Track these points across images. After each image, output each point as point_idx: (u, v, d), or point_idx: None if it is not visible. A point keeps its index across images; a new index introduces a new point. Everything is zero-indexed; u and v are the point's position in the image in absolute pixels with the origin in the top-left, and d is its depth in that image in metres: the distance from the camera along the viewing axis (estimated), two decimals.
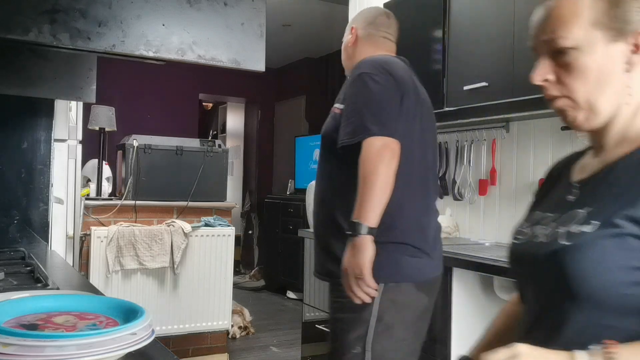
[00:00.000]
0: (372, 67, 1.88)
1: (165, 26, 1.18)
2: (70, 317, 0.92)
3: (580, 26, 0.91)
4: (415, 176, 1.92)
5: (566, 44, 0.92)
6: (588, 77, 0.92)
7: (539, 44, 0.96)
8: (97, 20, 1.11)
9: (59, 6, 1.07)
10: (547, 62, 0.95)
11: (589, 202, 0.91)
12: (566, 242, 0.88)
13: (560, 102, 0.95)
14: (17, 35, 1.05)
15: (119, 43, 1.13)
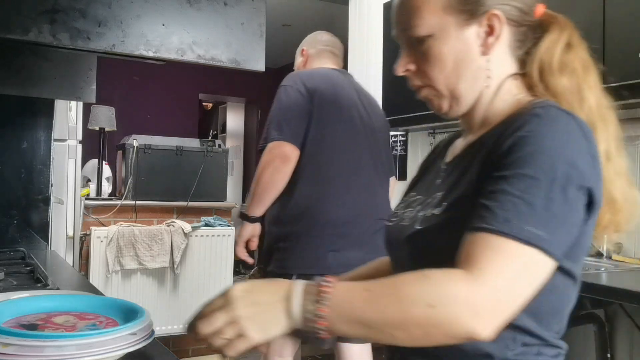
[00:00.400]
0: (290, 80, 2.15)
1: (165, 26, 1.18)
2: (70, 317, 0.92)
3: (432, 13, 0.89)
4: (329, 175, 2.14)
5: (420, 32, 0.90)
6: (445, 64, 0.90)
7: (398, 34, 0.94)
8: (96, 20, 1.10)
9: (59, 6, 1.07)
10: (407, 51, 0.93)
11: (447, 184, 0.91)
12: (419, 226, 0.88)
13: (425, 92, 0.94)
14: (17, 35, 1.05)
15: (119, 43, 1.13)
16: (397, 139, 3.82)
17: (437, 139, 3.51)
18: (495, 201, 0.75)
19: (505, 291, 0.71)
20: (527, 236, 0.72)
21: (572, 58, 0.94)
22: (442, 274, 0.72)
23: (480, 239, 0.73)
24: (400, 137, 3.81)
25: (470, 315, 0.69)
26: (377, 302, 0.72)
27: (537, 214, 0.73)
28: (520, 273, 0.72)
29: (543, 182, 0.75)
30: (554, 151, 0.77)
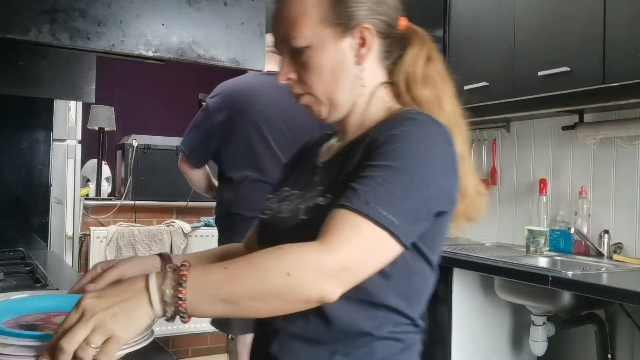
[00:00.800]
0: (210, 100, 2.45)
1: (164, 26, 1.18)
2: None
3: (310, 25, 0.94)
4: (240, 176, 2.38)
5: (299, 43, 0.95)
6: (323, 73, 0.96)
7: (278, 44, 0.99)
8: (96, 19, 1.10)
9: (59, 6, 1.07)
10: (288, 61, 0.98)
11: (328, 180, 0.97)
12: (304, 216, 0.93)
13: (305, 99, 0.99)
14: (16, 35, 1.04)
15: (119, 43, 1.13)
16: None
17: None
18: (360, 185, 0.84)
19: (353, 262, 0.80)
20: (382, 219, 0.81)
21: (432, 71, 1.03)
22: (297, 246, 0.79)
23: (340, 214, 0.82)
24: None
25: (322, 280, 0.78)
26: (235, 278, 0.76)
27: (394, 203, 0.83)
28: (369, 249, 0.82)
29: (404, 176, 0.85)
30: (420, 151, 0.87)
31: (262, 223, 1.06)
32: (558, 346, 2.60)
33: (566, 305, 2.22)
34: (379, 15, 0.99)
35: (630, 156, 2.50)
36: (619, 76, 2.15)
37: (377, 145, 0.88)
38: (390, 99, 1.03)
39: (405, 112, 0.95)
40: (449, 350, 2.49)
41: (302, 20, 0.95)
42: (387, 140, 0.88)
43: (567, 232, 2.60)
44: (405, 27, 1.07)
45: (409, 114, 0.93)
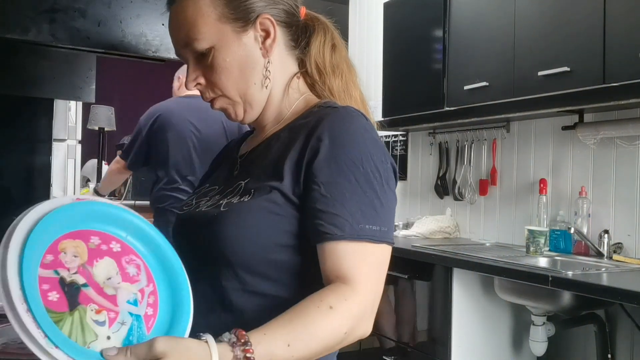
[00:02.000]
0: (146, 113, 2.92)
1: (164, 26, 1.18)
2: (112, 269, 0.79)
3: (208, 25, 0.92)
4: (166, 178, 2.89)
5: (202, 45, 0.92)
6: (231, 72, 0.94)
7: (180, 50, 0.96)
8: (96, 19, 1.10)
9: (58, 5, 1.07)
10: (194, 66, 0.95)
11: (247, 174, 0.97)
12: (223, 209, 0.92)
13: (219, 103, 0.97)
14: (16, 35, 1.04)
15: (118, 43, 1.13)
16: (397, 139, 3.82)
17: (437, 139, 3.51)
18: (343, 208, 0.85)
19: (377, 290, 0.87)
20: (378, 236, 0.86)
21: (339, 59, 1.04)
22: (341, 301, 0.82)
23: (346, 249, 0.85)
24: (400, 137, 3.80)
25: (368, 323, 0.85)
26: (299, 354, 0.78)
27: (378, 214, 0.87)
28: (383, 268, 0.88)
29: (371, 181, 0.87)
30: (369, 150, 0.89)
31: (179, 217, 1.04)
32: (558, 346, 2.60)
33: (566, 305, 2.22)
34: (277, 4, 0.97)
35: (630, 156, 2.49)
36: (619, 76, 2.15)
37: (323, 158, 0.88)
38: (306, 89, 1.03)
39: (326, 106, 0.96)
40: (449, 350, 2.49)
41: (200, 21, 0.92)
42: (332, 149, 0.88)
43: (567, 232, 2.59)
44: (306, 15, 1.04)
45: (332, 110, 0.94)
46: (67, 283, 0.73)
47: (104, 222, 0.82)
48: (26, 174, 2.26)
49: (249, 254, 0.88)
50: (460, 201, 3.32)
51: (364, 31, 4.09)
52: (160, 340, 0.70)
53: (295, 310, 0.81)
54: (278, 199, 0.89)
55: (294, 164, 0.90)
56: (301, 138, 0.92)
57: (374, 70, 3.68)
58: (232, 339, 0.74)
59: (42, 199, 0.87)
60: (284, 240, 0.89)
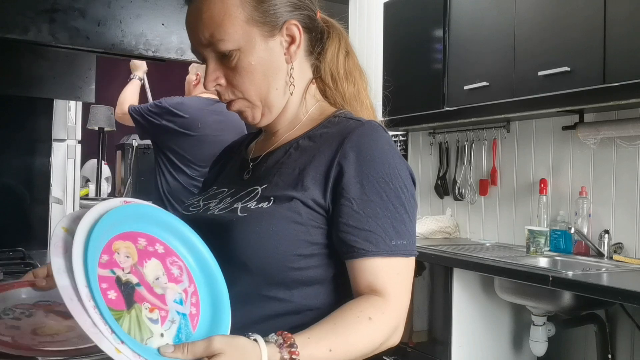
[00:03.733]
0: (170, 99, 2.92)
1: (164, 25, 1.18)
2: (159, 269, 0.82)
3: (236, 26, 0.90)
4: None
5: (227, 47, 0.91)
6: (255, 75, 0.93)
7: (201, 49, 0.93)
8: (96, 19, 1.10)
9: (58, 5, 1.07)
10: (215, 66, 0.93)
11: (264, 179, 0.96)
12: (241, 214, 0.91)
13: (237, 105, 0.96)
14: (16, 35, 1.04)
15: (118, 42, 1.13)
16: (397, 139, 3.82)
17: (437, 139, 3.51)
18: (375, 225, 0.88)
19: (407, 302, 0.91)
20: (407, 250, 0.90)
21: (351, 65, 1.04)
22: (379, 314, 0.86)
23: (381, 265, 0.88)
24: (400, 137, 3.80)
25: (397, 335, 0.90)
26: (339, 359, 0.82)
27: (407, 229, 0.91)
28: (410, 280, 0.92)
29: (400, 197, 0.90)
30: (398, 168, 0.92)
31: (186, 219, 1.01)
32: (558, 346, 2.60)
33: (566, 305, 2.22)
34: (302, 9, 0.96)
35: (631, 156, 2.49)
36: (619, 76, 2.15)
37: (356, 175, 0.90)
38: (319, 95, 1.04)
39: (347, 118, 0.97)
40: (449, 350, 2.49)
41: (227, 22, 0.90)
42: (363, 168, 0.90)
43: (568, 232, 2.59)
44: (322, 19, 1.03)
45: (358, 124, 0.94)
46: (123, 282, 0.76)
47: (149, 224, 0.85)
48: (26, 174, 2.26)
49: (268, 261, 0.89)
50: (460, 201, 3.32)
51: (364, 31, 4.09)
52: (217, 338, 0.73)
53: (336, 319, 0.84)
54: (300, 208, 0.89)
55: (321, 177, 0.91)
56: (326, 150, 0.92)
57: (374, 70, 3.68)
58: (279, 340, 0.77)
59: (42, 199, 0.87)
60: (302, 250, 0.90)
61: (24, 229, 2.25)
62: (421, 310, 2.70)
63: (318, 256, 0.91)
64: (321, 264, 0.91)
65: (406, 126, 3.52)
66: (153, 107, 2.99)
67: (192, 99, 3.09)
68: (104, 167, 3.94)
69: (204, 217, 0.98)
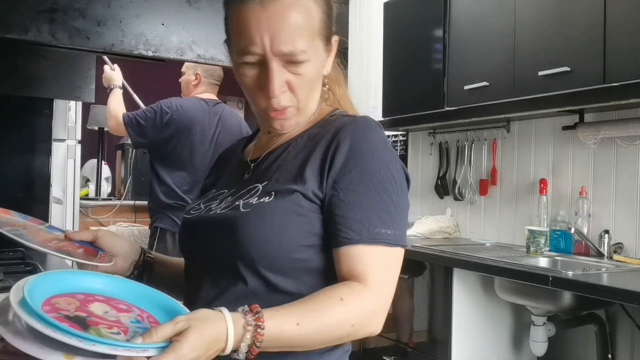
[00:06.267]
0: (167, 101, 2.97)
1: (164, 25, 1.18)
2: (106, 307, 0.83)
3: (310, 38, 0.93)
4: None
5: (303, 57, 0.93)
6: (312, 84, 0.98)
7: (270, 55, 0.91)
8: (96, 19, 1.10)
9: (58, 5, 1.07)
10: (281, 71, 0.93)
11: (264, 177, 0.98)
12: (243, 210, 0.93)
13: (290, 112, 0.97)
14: (16, 35, 1.04)
15: (118, 42, 1.13)
16: (397, 139, 3.82)
17: (437, 139, 3.50)
18: (360, 214, 0.90)
19: (390, 291, 0.91)
20: (393, 240, 0.91)
21: (338, 69, 1.09)
22: (353, 296, 0.86)
23: (363, 252, 0.89)
24: (400, 137, 3.80)
25: (377, 322, 0.89)
26: (307, 336, 0.83)
27: (393, 219, 0.92)
28: (394, 270, 0.92)
29: (387, 188, 0.92)
30: (386, 158, 0.94)
31: (188, 222, 1.05)
32: (558, 346, 2.60)
33: (566, 305, 2.22)
34: (335, 22, 1.00)
35: (631, 156, 2.49)
36: (619, 76, 2.15)
37: (344, 163, 0.92)
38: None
39: (342, 115, 1.01)
40: (449, 350, 2.49)
41: (306, 33, 0.92)
42: (351, 157, 0.92)
43: (568, 232, 2.59)
44: None
45: (350, 119, 0.99)
46: (72, 317, 0.76)
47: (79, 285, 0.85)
48: (26, 174, 2.26)
49: (273, 253, 0.90)
50: (460, 201, 3.32)
51: (364, 31, 4.08)
52: (180, 316, 0.76)
53: (308, 298, 0.86)
54: (301, 200, 0.92)
55: (317, 169, 0.94)
56: (323, 145, 0.95)
57: (374, 70, 3.68)
58: (245, 309, 0.80)
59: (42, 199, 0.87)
60: (306, 241, 0.92)
61: None
62: (421, 310, 2.70)
63: (321, 247, 0.93)
64: (324, 254, 0.93)
65: (406, 126, 3.52)
66: (150, 111, 2.97)
67: (192, 100, 3.07)
68: (104, 167, 3.94)
69: (207, 217, 0.99)
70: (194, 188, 2.99)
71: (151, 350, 0.72)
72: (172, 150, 2.96)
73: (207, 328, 0.75)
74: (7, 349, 0.83)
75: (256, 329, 0.78)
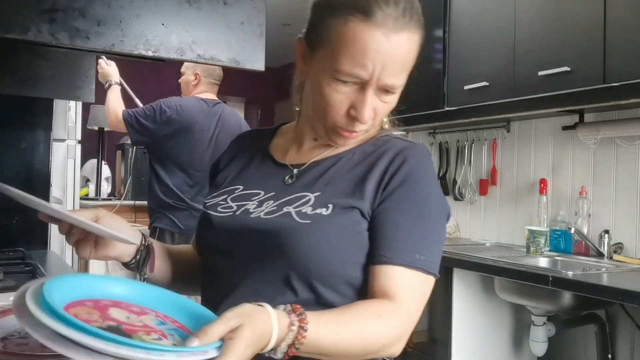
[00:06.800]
0: (167, 100, 2.99)
1: (164, 25, 1.17)
2: (124, 313, 0.78)
3: (408, 71, 0.96)
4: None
5: (399, 90, 0.96)
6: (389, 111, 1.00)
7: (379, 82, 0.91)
8: (96, 19, 1.10)
9: (58, 5, 1.06)
10: (374, 98, 0.94)
11: (315, 187, 0.97)
12: (302, 220, 0.92)
13: (360, 133, 0.98)
14: (16, 35, 1.04)
15: (118, 42, 1.12)
16: None
17: (437, 139, 3.51)
18: (402, 235, 0.91)
19: (417, 318, 0.92)
20: (428, 268, 0.92)
21: None
22: (388, 315, 0.87)
23: (401, 274, 0.90)
24: None
25: (400, 345, 0.89)
26: (343, 345, 0.82)
27: (432, 248, 0.94)
28: (423, 298, 0.92)
29: (432, 218, 0.95)
30: (433, 190, 0.97)
31: (218, 221, 1.00)
32: (558, 346, 2.60)
33: (566, 305, 2.22)
34: None
35: (631, 156, 2.49)
36: (619, 76, 2.15)
37: (398, 185, 0.94)
38: None
39: (395, 137, 1.04)
40: (449, 350, 2.49)
41: (408, 67, 0.95)
42: (406, 181, 0.95)
43: (568, 232, 2.59)
44: None
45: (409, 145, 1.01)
46: (105, 328, 0.69)
47: (81, 293, 0.79)
48: (26, 174, 2.26)
49: (329, 268, 0.90)
50: (460, 201, 3.32)
51: None
52: (228, 313, 0.73)
53: (345, 308, 0.87)
54: (359, 217, 0.93)
55: (373, 188, 0.95)
56: (382, 165, 0.97)
57: None
58: (288, 308, 0.78)
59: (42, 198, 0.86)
60: (359, 258, 0.92)
61: (24, 229, 2.25)
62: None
63: (366, 265, 0.93)
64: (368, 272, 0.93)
65: (406, 126, 3.48)
66: (149, 110, 2.97)
67: (192, 100, 3.07)
68: (104, 167, 3.94)
69: (249, 220, 0.96)
70: (193, 188, 2.99)
71: (211, 352, 0.70)
72: (171, 149, 2.96)
73: (257, 325, 0.73)
74: (7, 349, 0.83)
75: (300, 330, 0.77)
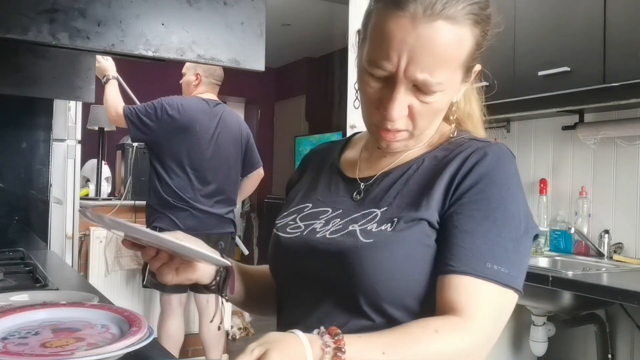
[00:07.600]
0: (169, 99, 3.00)
1: (164, 25, 1.17)
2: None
3: (452, 68, 0.84)
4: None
5: (438, 88, 0.84)
6: (437, 114, 0.89)
7: (407, 76, 0.82)
8: (96, 19, 1.10)
9: (58, 5, 1.06)
10: (406, 94, 0.84)
11: (383, 202, 0.90)
12: (365, 239, 0.85)
13: (400, 135, 0.89)
14: (16, 35, 1.04)
15: (118, 42, 1.12)
16: None
17: None
18: (473, 243, 0.82)
19: (492, 334, 0.81)
20: (505, 279, 0.81)
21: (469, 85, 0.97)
22: (449, 329, 0.78)
23: (468, 283, 0.80)
24: None
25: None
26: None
27: (509, 257, 0.82)
28: (500, 312, 0.82)
29: (511, 225, 0.84)
30: (513, 193, 0.86)
31: (287, 243, 0.95)
32: (558, 346, 2.60)
33: (566, 305, 2.22)
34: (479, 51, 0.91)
35: (631, 156, 2.49)
36: (619, 76, 2.15)
37: (469, 189, 0.85)
38: None
39: (470, 139, 0.92)
40: None
41: (450, 64, 0.83)
42: (479, 183, 0.85)
43: (568, 232, 2.59)
44: None
45: (484, 144, 0.90)
46: None
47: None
48: (26, 174, 2.26)
49: (400, 289, 0.84)
50: None
51: None
52: (252, 344, 0.70)
53: (400, 327, 0.79)
54: (427, 229, 0.85)
55: (441, 194, 0.86)
56: (452, 168, 0.88)
57: None
58: (321, 330, 0.74)
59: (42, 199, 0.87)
60: (430, 278, 0.84)
61: (24, 229, 2.25)
62: None
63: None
64: None
65: None
66: (151, 107, 2.97)
67: (193, 100, 3.08)
68: (104, 167, 3.94)
69: (314, 240, 0.91)
70: (193, 188, 2.99)
71: None
72: (171, 149, 2.96)
73: (284, 348, 0.69)
74: (7, 349, 0.83)
75: (336, 352, 0.71)
